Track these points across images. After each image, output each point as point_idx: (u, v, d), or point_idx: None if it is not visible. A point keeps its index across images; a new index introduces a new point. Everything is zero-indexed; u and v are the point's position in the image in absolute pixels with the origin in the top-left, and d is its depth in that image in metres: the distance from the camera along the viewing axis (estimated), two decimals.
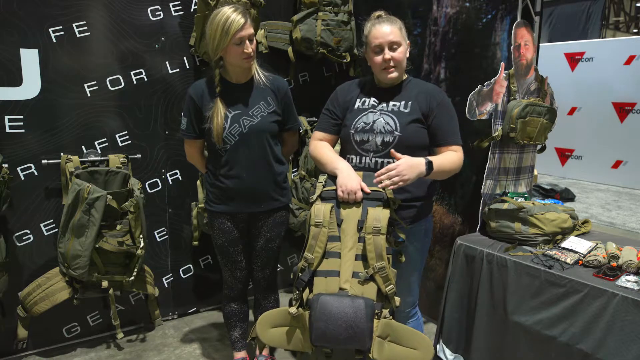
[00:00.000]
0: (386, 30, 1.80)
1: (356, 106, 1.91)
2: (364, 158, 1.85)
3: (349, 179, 1.72)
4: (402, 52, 1.82)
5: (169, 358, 2.57)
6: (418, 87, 1.89)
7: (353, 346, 1.57)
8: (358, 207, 1.71)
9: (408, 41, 1.88)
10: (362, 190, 1.71)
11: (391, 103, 1.86)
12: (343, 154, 1.94)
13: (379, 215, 1.66)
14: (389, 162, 1.77)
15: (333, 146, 1.98)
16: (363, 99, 1.92)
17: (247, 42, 1.92)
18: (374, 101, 1.89)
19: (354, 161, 1.87)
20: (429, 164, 1.71)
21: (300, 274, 1.66)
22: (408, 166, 1.66)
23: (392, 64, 1.81)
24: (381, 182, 1.65)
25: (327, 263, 1.66)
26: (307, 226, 1.71)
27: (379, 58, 1.81)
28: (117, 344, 2.68)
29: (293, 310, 1.61)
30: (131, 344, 2.70)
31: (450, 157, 1.81)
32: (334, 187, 1.75)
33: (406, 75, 1.94)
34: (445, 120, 1.83)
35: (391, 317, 1.64)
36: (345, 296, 1.58)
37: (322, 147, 1.93)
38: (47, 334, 2.59)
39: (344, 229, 1.69)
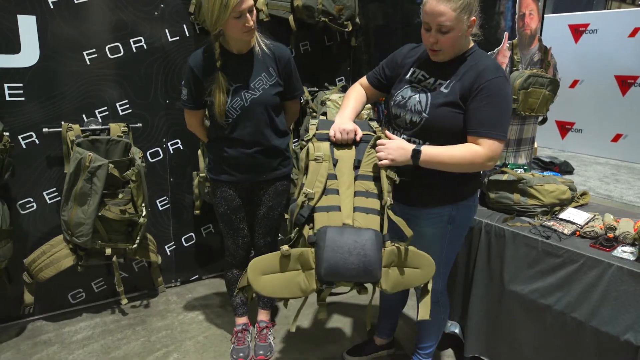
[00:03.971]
0: (440, 9, 1.55)
1: (406, 76, 1.80)
2: (396, 133, 1.79)
3: (345, 123, 1.72)
4: (452, 38, 1.60)
5: (172, 324, 2.63)
6: (473, 63, 1.66)
7: (364, 279, 1.48)
8: (351, 148, 1.71)
9: (473, 17, 1.61)
10: (355, 134, 1.71)
11: (439, 80, 1.70)
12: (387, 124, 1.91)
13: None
14: (414, 142, 1.72)
15: (370, 96, 1.95)
16: (414, 70, 1.79)
17: (247, 14, 1.85)
18: (423, 75, 1.75)
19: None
20: (416, 153, 1.61)
21: (299, 210, 1.57)
22: (397, 146, 1.62)
23: (436, 47, 1.64)
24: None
25: (326, 199, 1.59)
26: (303, 163, 1.68)
27: (426, 35, 1.64)
28: (122, 310, 2.74)
29: (285, 248, 1.48)
30: (135, 309, 2.76)
31: (457, 150, 1.62)
32: (326, 131, 1.74)
33: (472, 44, 1.72)
34: (482, 105, 1.61)
35: (393, 244, 1.54)
36: (351, 227, 1.52)
37: (352, 92, 1.92)
38: (53, 300, 2.65)
39: (340, 168, 1.66)
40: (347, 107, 1.84)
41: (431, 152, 1.63)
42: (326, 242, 1.45)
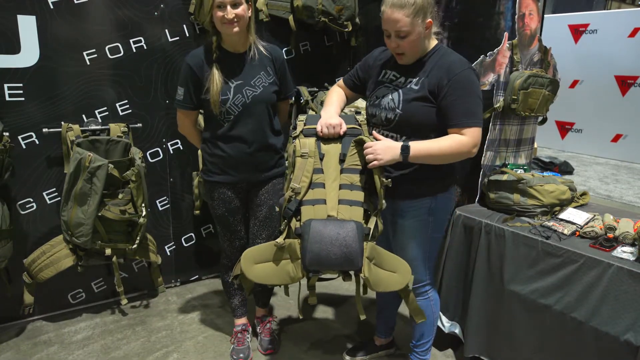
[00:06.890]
0: (395, 17, 1.68)
1: (378, 78, 1.91)
2: (374, 131, 1.86)
3: (331, 118, 1.79)
4: (410, 41, 1.72)
5: (172, 324, 2.63)
6: (439, 60, 1.77)
7: (346, 267, 1.59)
8: (337, 142, 1.77)
9: (429, 19, 1.72)
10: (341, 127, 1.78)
11: (409, 78, 1.81)
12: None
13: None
14: (392, 137, 1.82)
15: (348, 97, 2.05)
16: (385, 71, 1.90)
17: (229, 7, 1.88)
18: (394, 75, 1.86)
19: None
20: (405, 149, 1.68)
21: (287, 204, 1.68)
22: (385, 147, 1.68)
23: (399, 51, 1.77)
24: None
25: (312, 193, 1.69)
26: (291, 159, 1.76)
27: (388, 41, 1.78)
28: (122, 310, 2.74)
29: (280, 240, 1.61)
30: (135, 310, 2.76)
31: (444, 142, 1.71)
32: (314, 126, 1.80)
33: (435, 42, 1.83)
34: (455, 98, 1.70)
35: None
36: (335, 220, 1.62)
37: (333, 92, 2.02)
38: (53, 300, 2.65)
39: (326, 163, 1.74)
40: (332, 103, 1.94)
41: (419, 146, 1.70)
42: (310, 234, 1.56)
